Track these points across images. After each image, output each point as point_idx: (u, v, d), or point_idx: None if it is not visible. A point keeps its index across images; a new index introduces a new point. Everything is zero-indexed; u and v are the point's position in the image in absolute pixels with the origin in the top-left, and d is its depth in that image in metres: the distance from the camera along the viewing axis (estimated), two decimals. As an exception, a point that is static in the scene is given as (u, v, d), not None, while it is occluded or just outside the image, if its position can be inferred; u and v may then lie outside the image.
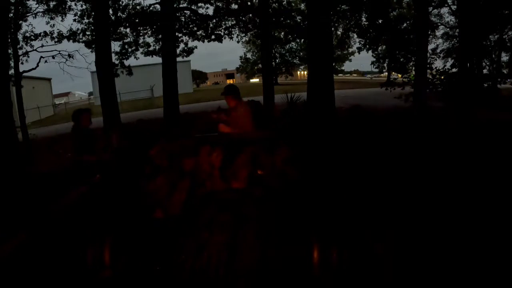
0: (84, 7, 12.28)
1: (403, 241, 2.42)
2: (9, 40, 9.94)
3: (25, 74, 11.59)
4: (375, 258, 2.12)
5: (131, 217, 2.48)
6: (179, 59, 13.04)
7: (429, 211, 3.01)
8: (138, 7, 12.87)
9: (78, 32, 12.44)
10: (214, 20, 13.85)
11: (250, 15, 13.66)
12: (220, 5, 13.59)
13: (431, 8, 14.29)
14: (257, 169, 2.93)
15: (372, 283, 1.92)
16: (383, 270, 2.00)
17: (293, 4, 16.81)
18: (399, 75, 15.13)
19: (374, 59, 25.04)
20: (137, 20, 12.73)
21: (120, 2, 12.56)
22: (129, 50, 13.42)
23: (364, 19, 14.93)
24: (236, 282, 1.95)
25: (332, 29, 14.42)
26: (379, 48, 16.82)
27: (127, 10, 12.74)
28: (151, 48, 13.96)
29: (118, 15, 12.57)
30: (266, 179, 2.94)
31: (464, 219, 2.82)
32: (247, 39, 18.67)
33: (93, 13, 11.02)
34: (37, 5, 11.93)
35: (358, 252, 2.13)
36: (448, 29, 19.85)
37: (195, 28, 13.73)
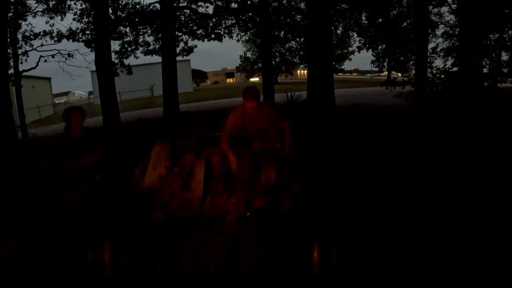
0: (83, 6, 12.27)
1: (404, 241, 2.41)
2: (9, 40, 9.93)
3: (24, 73, 11.58)
4: (375, 258, 2.12)
5: (131, 217, 2.48)
6: (179, 58, 13.02)
7: (432, 210, 3.01)
8: (137, 6, 12.86)
9: (78, 31, 12.42)
10: (214, 19, 13.84)
11: (250, 14, 13.64)
12: (220, 4, 13.57)
13: (431, 7, 14.26)
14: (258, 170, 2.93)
15: (372, 283, 1.92)
16: (384, 269, 2.00)
17: (293, 3, 16.78)
18: (399, 74, 15.12)
19: (374, 58, 25.03)
20: (136, 19, 12.71)
21: (120, 1, 12.54)
22: (129, 49, 13.41)
23: (364, 18, 14.92)
24: (236, 282, 1.95)
25: (332, 28, 14.41)
26: (379, 47, 16.80)
27: (126, 9, 12.71)
28: (151, 47, 13.96)
29: (118, 14, 12.55)
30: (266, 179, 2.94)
31: (469, 218, 2.82)
32: (247, 38, 18.66)
33: (92, 12, 11.00)
34: (37, 5, 11.92)
35: (358, 252, 2.13)
36: (448, 28, 19.83)
37: (195, 27, 13.71)
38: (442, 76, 11.05)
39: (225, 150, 3.08)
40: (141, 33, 13.46)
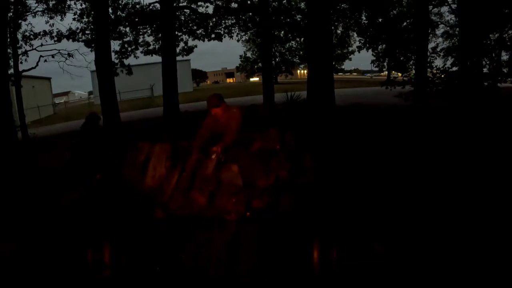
0: (83, 6, 12.26)
1: (404, 241, 2.41)
2: (9, 40, 9.93)
3: (24, 73, 11.58)
4: (375, 258, 2.12)
5: (131, 217, 2.48)
6: (179, 58, 13.02)
7: (432, 210, 3.00)
8: (137, 6, 12.84)
9: (78, 31, 12.40)
10: (214, 19, 13.83)
11: (250, 13, 13.64)
12: (220, 3, 13.56)
13: (431, 6, 14.25)
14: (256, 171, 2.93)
15: (372, 283, 1.92)
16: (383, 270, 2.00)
17: (293, 3, 16.77)
18: (399, 74, 15.11)
19: (374, 58, 24.97)
20: (136, 19, 12.69)
21: (120, 1, 12.52)
22: (129, 49, 13.38)
23: (364, 18, 14.90)
24: (236, 282, 1.95)
25: (332, 28, 14.39)
26: (379, 47, 16.77)
27: (126, 9, 12.69)
28: (151, 47, 13.93)
29: (118, 14, 12.53)
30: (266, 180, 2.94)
31: (470, 219, 2.82)
32: (247, 38, 18.65)
33: (92, 12, 11.00)
34: (37, 4, 11.91)
35: (357, 252, 2.13)
36: (448, 28, 19.81)
37: (195, 27, 13.70)
38: (442, 76, 11.04)
39: (194, 150, 3.21)
40: (141, 33, 13.44)
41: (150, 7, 12.74)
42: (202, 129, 3.40)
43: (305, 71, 33.40)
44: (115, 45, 12.73)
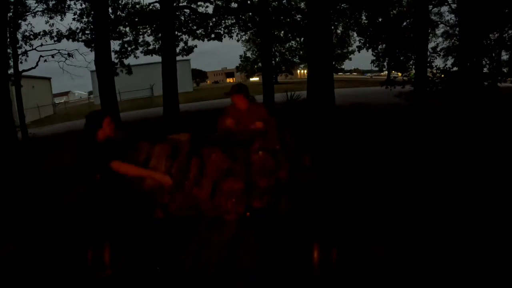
0: (83, 6, 12.27)
1: (404, 241, 2.42)
2: (8, 39, 9.93)
3: (24, 73, 11.59)
4: (375, 258, 2.12)
5: (131, 217, 2.48)
6: (178, 58, 13.03)
7: (432, 212, 3.01)
8: (137, 5, 12.86)
9: (78, 31, 12.41)
10: (214, 19, 13.84)
11: (250, 13, 13.65)
12: (219, 3, 13.57)
13: (431, 6, 14.26)
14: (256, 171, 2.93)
15: (372, 284, 1.92)
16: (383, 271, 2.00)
17: (293, 3, 16.77)
18: (399, 74, 15.12)
19: (374, 58, 24.95)
20: (136, 19, 12.71)
21: (120, 1, 12.55)
22: (129, 49, 13.40)
23: (364, 18, 14.91)
24: (236, 282, 1.95)
25: (332, 27, 14.40)
26: (379, 46, 16.78)
27: (126, 9, 12.71)
28: (151, 47, 13.95)
29: (118, 14, 12.54)
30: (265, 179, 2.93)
31: (470, 219, 2.82)
32: (247, 37, 18.66)
33: (92, 12, 11.00)
34: (37, 4, 11.92)
35: (357, 253, 2.13)
36: (448, 28, 19.81)
37: (195, 27, 13.71)
38: (442, 76, 11.04)
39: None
40: (141, 32, 13.46)
41: (150, 7, 12.78)
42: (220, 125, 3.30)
43: (305, 71, 33.40)
44: (115, 45, 12.77)
